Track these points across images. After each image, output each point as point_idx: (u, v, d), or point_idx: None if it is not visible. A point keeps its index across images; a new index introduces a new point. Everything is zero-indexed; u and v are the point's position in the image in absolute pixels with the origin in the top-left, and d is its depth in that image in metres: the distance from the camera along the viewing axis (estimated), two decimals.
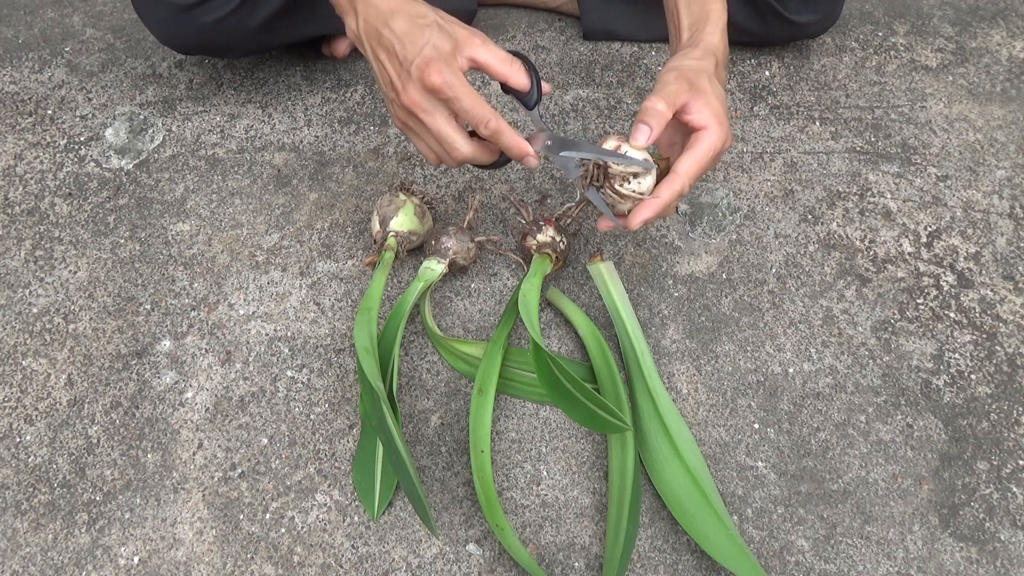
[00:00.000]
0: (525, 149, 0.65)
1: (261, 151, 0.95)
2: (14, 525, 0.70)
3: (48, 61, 1.05)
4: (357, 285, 0.84)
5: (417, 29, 0.62)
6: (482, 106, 0.63)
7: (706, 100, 0.64)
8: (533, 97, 0.65)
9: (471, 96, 0.62)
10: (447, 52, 0.61)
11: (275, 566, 0.67)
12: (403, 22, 0.62)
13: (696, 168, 0.63)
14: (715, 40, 0.68)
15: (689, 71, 0.65)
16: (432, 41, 0.61)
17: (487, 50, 0.63)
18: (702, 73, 0.65)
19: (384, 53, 0.64)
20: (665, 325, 0.81)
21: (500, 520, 0.65)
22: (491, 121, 0.63)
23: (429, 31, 0.62)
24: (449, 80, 0.61)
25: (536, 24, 1.10)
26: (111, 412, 0.76)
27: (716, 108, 0.64)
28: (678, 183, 0.63)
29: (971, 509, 0.71)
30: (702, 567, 0.67)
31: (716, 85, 0.66)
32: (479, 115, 0.63)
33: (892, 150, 0.96)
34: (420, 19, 0.63)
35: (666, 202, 0.63)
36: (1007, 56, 1.07)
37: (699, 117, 0.63)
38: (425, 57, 0.61)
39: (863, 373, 0.78)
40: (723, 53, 0.69)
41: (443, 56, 0.61)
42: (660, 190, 0.64)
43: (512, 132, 0.64)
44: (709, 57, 0.67)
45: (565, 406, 0.70)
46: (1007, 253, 0.87)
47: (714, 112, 0.63)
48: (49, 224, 0.89)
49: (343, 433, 0.74)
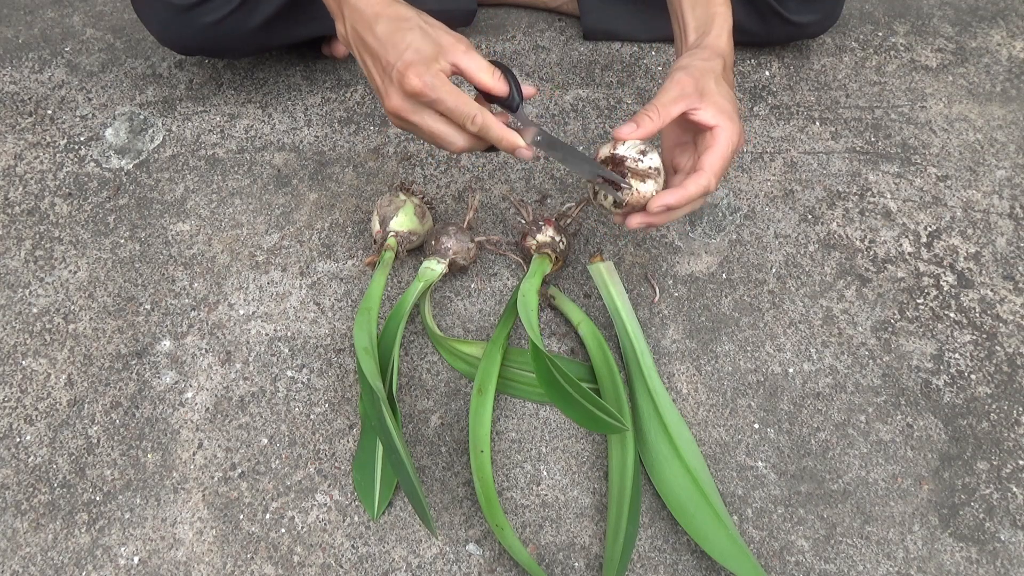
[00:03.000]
0: (515, 141, 0.65)
1: (261, 151, 0.95)
2: (14, 525, 0.70)
3: (48, 61, 1.05)
4: (357, 285, 0.84)
5: (399, 33, 0.62)
6: (466, 104, 0.63)
7: (712, 100, 0.64)
8: (515, 100, 0.66)
9: (453, 95, 0.62)
10: (428, 56, 0.62)
11: (275, 566, 0.67)
12: (385, 26, 0.63)
13: (720, 163, 0.64)
14: (722, 42, 0.69)
15: (696, 71, 0.65)
16: (413, 45, 0.62)
17: (470, 58, 0.64)
18: (708, 74, 0.65)
19: (369, 57, 0.65)
20: (665, 325, 0.81)
21: (500, 520, 0.65)
22: (476, 117, 0.63)
23: (411, 35, 0.62)
24: (429, 82, 0.61)
25: (536, 24, 1.10)
26: (111, 412, 0.76)
27: (724, 106, 0.64)
28: (703, 178, 0.63)
29: (971, 509, 0.71)
30: (702, 567, 0.67)
31: (723, 86, 0.66)
32: (464, 113, 0.63)
33: (892, 150, 0.96)
34: (403, 23, 0.63)
35: (690, 193, 0.64)
36: (1007, 56, 1.07)
37: (707, 116, 0.64)
38: (405, 61, 0.61)
39: (863, 373, 0.78)
40: (730, 55, 0.70)
41: (424, 59, 0.61)
42: (686, 182, 0.64)
43: (500, 126, 0.64)
44: (716, 59, 0.67)
45: (563, 406, 0.70)
46: (1007, 253, 0.87)
47: (722, 110, 0.64)
48: (49, 224, 0.89)
49: (343, 433, 0.74)
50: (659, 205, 0.64)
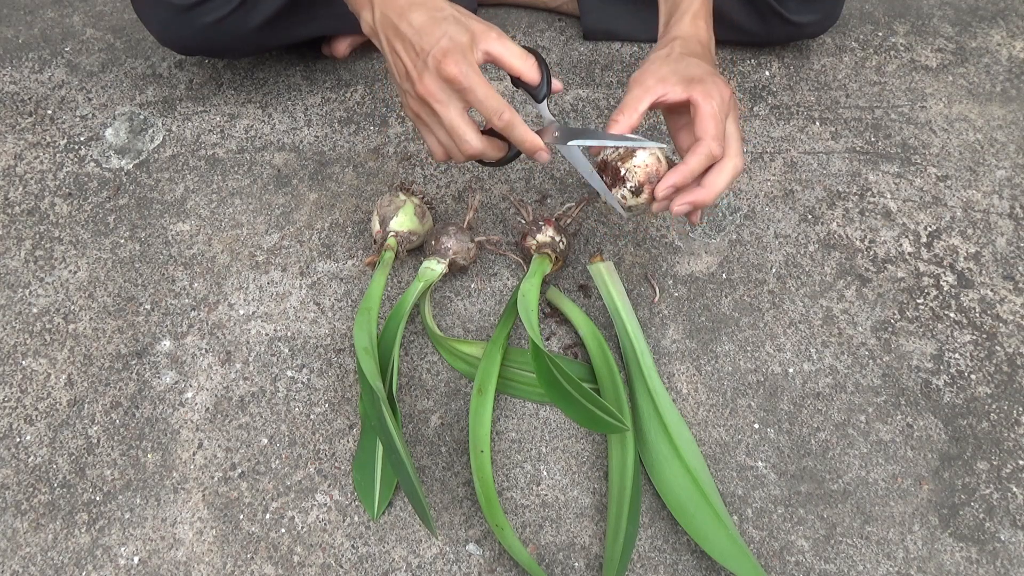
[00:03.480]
0: (537, 143, 0.66)
1: (261, 151, 0.95)
2: (14, 525, 0.70)
3: (48, 61, 1.05)
4: (357, 285, 0.84)
5: (434, 22, 0.63)
6: (496, 98, 0.64)
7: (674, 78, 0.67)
8: (543, 91, 0.67)
9: (485, 87, 0.63)
10: (464, 44, 0.63)
11: (275, 566, 0.67)
12: (421, 15, 0.64)
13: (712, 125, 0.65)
14: (683, 27, 0.73)
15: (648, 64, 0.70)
16: (449, 33, 0.63)
17: (503, 44, 0.64)
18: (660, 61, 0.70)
19: (400, 44, 0.65)
20: (665, 325, 0.81)
21: (500, 520, 0.65)
22: (504, 113, 0.64)
23: (446, 24, 0.63)
24: (465, 71, 0.62)
25: (536, 24, 1.10)
26: (111, 412, 0.76)
27: (689, 75, 0.67)
28: (702, 147, 0.65)
29: (971, 509, 0.71)
30: (702, 567, 0.67)
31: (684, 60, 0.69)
32: (493, 106, 0.64)
33: (892, 150, 0.96)
34: (437, 12, 0.64)
35: (692, 167, 0.65)
36: (1007, 56, 1.07)
37: (675, 93, 0.67)
38: (442, 48, 0.62)
39: (863, 373, 0.78)
40: (695, 35, 0.73)
41: (460, 47, 0.62)
42: (687, 158, 0.66)
43: (524, 126, 0.65)
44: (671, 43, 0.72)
45: (564, 406, 0.70)
46: (1007, 253, 0.87)
47: (688, 79, 0.67)
48: (49, 224, 0.89)
49: (343, 433, 0.74)
50: (666, 187, 0.66)
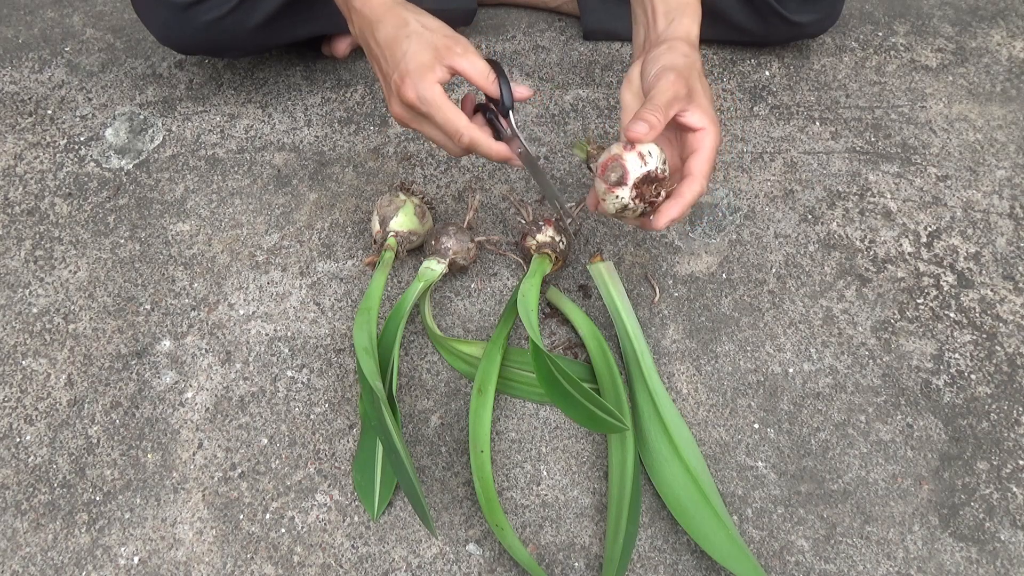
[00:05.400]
0: (503, 153, 0.67)
1: (261, 151, 0.95)
2: (14, 525, 0.70)
3: (48, 61, 1.05)
4: (357, 285, 0.84)
5: (396, 41, 0.63)
6: (454, 121, 0.64)
7: (699, 101, 0.64)
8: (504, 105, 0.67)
9: (443, 111, 0.63)
10: (425, 64, 0.63)
11: (275, 566, 0.67)
12: (385, 32, 0.64)
13: (708, 166, 0.64)
14: (694, 34, 0.69)
15: (685, 71, 0.65)
16: (409, 52, 0.63)
17: (467, 60, 0.65)
18: (694, 73, 0.65)
19: (374, 63, 0.67)
20: (665, 325, 0.81)
21: (500, 520, 0.65)
22: (463, 136, 0.65)
23: (407, 42, 0.63)
24: (422, 96, 0.62)
25: (536, 24, 1.10)
26: (111, 412, 0.76)
27: (708, 108, 0.65)
28: (697, 183, 0.64)
29: (971, 509, 0.71)
30: (702, 567, 0.67)
31: (705, 83, 0.66)
32: (452, 131, 0.64)
33: (892, 150, 0.96)
34: (401, 29, 0.64)
35: (688, 201, 0.64)
36: (1007, 56, 1.07)
37: (695, 119, 0.64)
38: (400, 72, 0.63)
39: (863, 373, 0.78)
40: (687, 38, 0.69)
41: (420, 68, 0.63)
42: (682, 190, 0.64)
43: (488, 141, 0.66)
44: (695, 53, 0.67)
45: (564, 406, 0.70)
46: (1007, 253, 0.87)
47: (707, 112, 0.64)
48: (49, 224, 0.89)
49: (343, 433, 0.74)
50: (667, 221, 0.63)
